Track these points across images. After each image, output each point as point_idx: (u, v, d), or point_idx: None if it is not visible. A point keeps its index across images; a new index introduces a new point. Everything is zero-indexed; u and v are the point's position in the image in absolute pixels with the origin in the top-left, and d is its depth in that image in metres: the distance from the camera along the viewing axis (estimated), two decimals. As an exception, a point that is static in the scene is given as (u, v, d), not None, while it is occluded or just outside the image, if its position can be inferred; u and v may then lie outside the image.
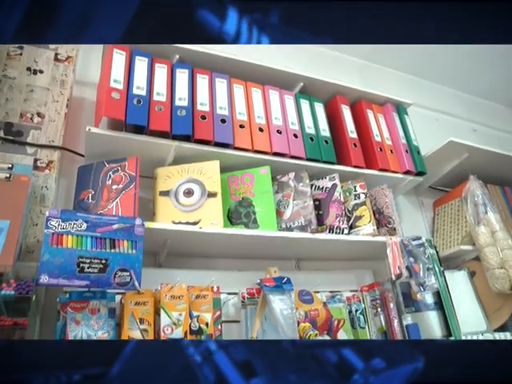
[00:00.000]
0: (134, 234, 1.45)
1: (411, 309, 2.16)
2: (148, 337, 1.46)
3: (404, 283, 2.17)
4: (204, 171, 1.71)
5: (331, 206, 1.91)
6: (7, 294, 1.27)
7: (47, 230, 1.37)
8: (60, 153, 1.76)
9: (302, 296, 1.81)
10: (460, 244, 2.28)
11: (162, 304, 1.49)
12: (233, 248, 1.80)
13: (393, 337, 1.93)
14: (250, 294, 1.73)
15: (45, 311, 1.52)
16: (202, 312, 1.57)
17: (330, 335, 1.81)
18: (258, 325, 1.64)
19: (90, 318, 1.44)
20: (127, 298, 1.50)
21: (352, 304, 1.99)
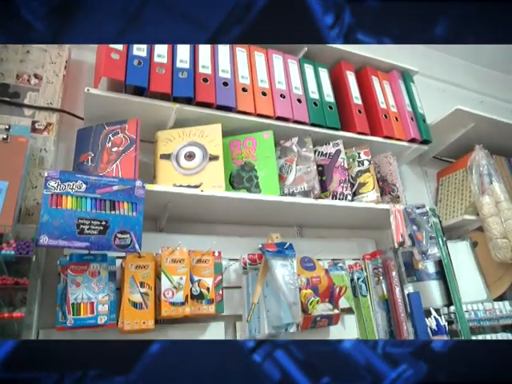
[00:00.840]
0: (134, 196, 1.43)
1: (413, 278, 2.16)
2: (149, 301, 1.46)
3: (406, 252, 2.16)
4: (206, 134, 1.67)
5: (335, 172, 1.88)
6: (7, 253, 1.26)
7: (46, 190, 1.35)
8: (58, 115, 1.72)
9: (303, 263, 1.80)
10: (463, 214, 2.26)
11: (163, 268, 1.47)
12: (234, 213, 1.78)
13: (394, 306, 1.93)
14: (251, 259, 1.71)
15: (46, 273, 1.52)
16: (203, 277, 1.56)
17: (332, 302, 1.81)
18: (260, 290, 1.64)
19: (90, 281, 1.43)
20: (128, 262, 1.48)
21: (354, 272, 1.98)
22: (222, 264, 1.65)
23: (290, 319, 1.61)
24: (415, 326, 1.92)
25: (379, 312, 1.96)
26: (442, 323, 1.97)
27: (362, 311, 1.94)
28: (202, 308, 1.52)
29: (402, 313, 1.91)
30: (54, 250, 1.52)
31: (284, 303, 1.61)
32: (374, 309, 1.95)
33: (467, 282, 2.19)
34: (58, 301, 1.41)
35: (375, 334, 1.90)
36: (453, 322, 2.00)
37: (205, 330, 1.64)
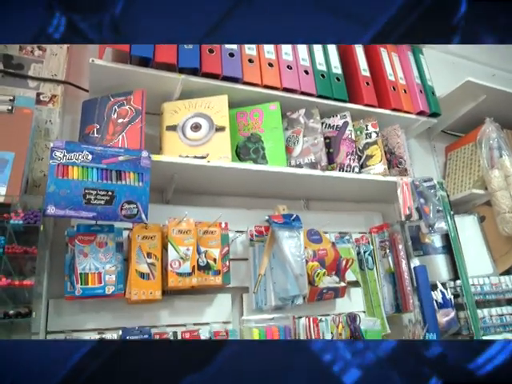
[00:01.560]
0: (140, 166, 1.42)
1: (419, 252, 2.16)
2: (156, 271, 1.47)
3: (413, 226, 2.15)
4: (212, 106, 1.65)
5: (342, 144, 1.86)
6: (16, 223, 1.27)
7: (52, 160, 1.35)
8: (63, 87, 1.70)
9: (310, 235, 1.80)
10: (471, 188, 2.24)
11: (170, 238, 1.48)
12: (241, 185, 1.77)
13: (400, 279, 1.93)
14: (258, 231, 1.72)
15: (54, 244, 1.53)
16: (209, 248, 1.56)
17: (338, 275, 1.81)
18: (266, 262, 1.64)
19: (97, 251, 1.44)
20: (134, 232, 1.49)
21: (360, 245, 1.98)
22: (229, 235, 1.65)
23: (296, 291, 1.62)
24: (421, 300, 1.92)
25: (385, 285, 1.96)
26: (447, 297, 1.97)
27: (368, 284, 1.94)
28: (208, 279, 1.53)
29: (409, 286, 1.92)
30: (62, 220, 1.52)
31: (290, 275, 1.61)
32: (381, 282, 1.96)
33: (474, 256, 2.18)
34: (67, 271, 1.43)
35: (381, 308, 1.91)
36: (458, 296, 2.01)
37: (212, 301, 1.65)
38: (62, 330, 1.44)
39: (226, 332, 1.56)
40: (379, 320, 1.86)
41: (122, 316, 1.52)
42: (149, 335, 1.46)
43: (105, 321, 1.50)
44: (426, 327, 1.84)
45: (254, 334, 1.53)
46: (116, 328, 1.48)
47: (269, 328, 1.57)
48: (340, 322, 1.79)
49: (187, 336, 1.52)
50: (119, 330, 1.46)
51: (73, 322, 1.46)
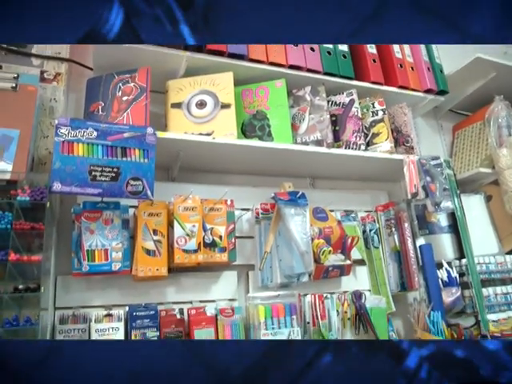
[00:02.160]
0: (145, 143, 1.41)
1: (425, 231, 2.15)
2: (162, 248, 1.48)
3: (419, 205, 2.14)
4: (217, 83, 1.64)
5: (348, 121, 1.84)
6: (23, 199, 1.27)
7: (57, 137, 1.34)
8: (67, 65, 1.69)
9: (316, 213, 1.80)
10: (479, 167, 2.22)
11: (176, 215, 1.48)
12: (247, 163, 1.76)
13: (406, 257, 1.93)
14: (263, 209, 1.71)
15: (60, 222, 1.53)
16: (215, 225, 1.57)
17: (344, 253, 1.81)
18: (272, 239, 1.64)
19: (103, 228, 1.45)
20: (140, 209, 1.49)
21: (366, 224, 1.97)
22: (235, 213, 1.65)
23: (302, 269, 1.62)
24: (426, 278, 1.92)
25: (391, 264, 1.96)
26: (453, 275, 1.97)
27: (373, 263, 1.94)
28: (214, 256, 1.53)
29: (414, 264, 1.92)
30: (68, 198, 1.53)
31: (296, 253, 1.62)
32: (386, 260, 1.96)
33: (479, 235, 2.17)
34: (73, 248, 1.44)
35: (387, 286, 1.92)
36: (464, 275, 2.00)
37: (218, 278, 1.66)
38: (70, 307, 1.46)
39: (232, 309, 1.57)
40: (384, 298, 1.87)
41: (129, 293, 1.53)
42: (155, 312, 1.47)
43: (112, 298, 1.52)
44: (431, 305, 1.85)
45: (259, 311, 1.54)
46: (123, 305, 1.50)
47: (274, 305, 1.58)
48: (345, 299, 1.80)
49: (193, 313, 1.53)
50: (126, 307, 1.48)
51: (80, 298, 1.48)
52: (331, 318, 1.67)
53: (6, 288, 1.22)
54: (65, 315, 1.43)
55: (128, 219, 1.52)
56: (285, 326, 1.56)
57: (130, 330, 1.43)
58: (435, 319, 1.81)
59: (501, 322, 1.95)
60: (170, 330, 1.48)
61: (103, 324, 1.42)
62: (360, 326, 1.83)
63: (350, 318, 1.82)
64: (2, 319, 1.21)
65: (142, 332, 1.43)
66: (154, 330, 1.45)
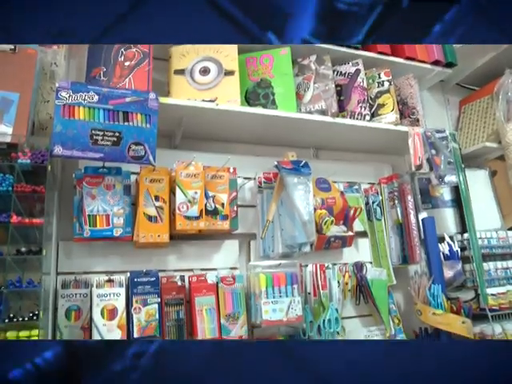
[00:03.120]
0: (147, 108, 1.39)
1: (428, 205, 2.14)
2: (163, 214, 1.47)
3: (422, 179, 2.13)
4: (221, 50, 1.60)
5: (353, 91, 1.81)
6: (23, 162, 1.26)
7: (58, 101, 1.33)
8: (68, 29, 1.65)
9: (319, 184, 1.79)
10: (485, 141, 2.19)
11: (178, 181, 1.47)
12: (250, 131, 1.74)
13: (408, 230, 1.92)
14: (266, 178, 1.70)
15: (62, 187, 1.53)
16: (217, 192, 1.56)
17: (346, 225, 1.81)
18: (274, 208, 1.64)
19: (105, 194, 1.44)
20: (142, 175, 1.48)
21: (369, 196, 1.96)
22: (237, 181, 1.64)
23: (303, 239, 1.62)
24: (428, 251, 1.92)
25: (393, 236, 1.96)
26: (454, 249, 1.97)
27: (375, 235, 1.94)
28: (216, 224, 1.53)
29: (416, 237, 1.91)
30: (69, 163, 1.52)
31: (298, 223, 1.61)
32: (388, 233, 1.95)
33: (483, 210, 2.16)
34: (75, 213, 1.43)
35: (388, 258, 1.92)
36: (465, 249, 2.00)
37: (219, 247, 1.66)
38: (72, 272, 1.46)
39: (233, 277, 1.58)
40: (385, 270, 1.87)
41: (130, 260, 1.53)
42: (156, 278, 1.47)
43: (113, 264, 1.52)
44: (432, 279, 1.85)
45: (260, 280, 1.55)
46: (124, 271, 1.50)
47: (276, 274, 1.58)
48: (347, 271, 1.81)
49: (194, 280, 1.54)
50: (127, 273, 1.48)
51: (82, 264, 1.48)
52: (332, 288, 1.68)
53: (8, 250, 1.22)
54: (67, 280, 1.43)
55: (129, 185, 1.51)
56: (286, 295, 1.56)
57: (131, 296, 1.43)
58: (435, 292, 1.82)
59: (499, 295, 1.95)
60: (171, 296, 1.49)
61: (104, 289, 1.43)
62: (361, 297, 1.84)
63: (351, 290, 1.83)
64: (6, 280, 1.21)
65: (143, 298, 1.44)
66: (155, 297, 1.46)
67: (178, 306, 1.49)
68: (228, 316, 1.53)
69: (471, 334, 1.81)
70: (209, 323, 1.50)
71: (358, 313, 1.88)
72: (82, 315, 1.39)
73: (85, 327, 1.39)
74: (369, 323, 1.88)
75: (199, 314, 1.49)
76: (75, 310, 1.39)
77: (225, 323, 1.52)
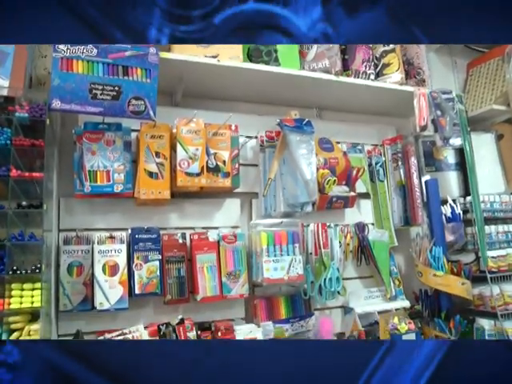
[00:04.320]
0: (147, 62, 1.36)
1: (431, 168, 2.11)
2: (164, 171, 1.46)
3: (426, 142, 2.10)
4: (222, 3, 1.55)
5: (358, 50, 1.76)
6: (21, 116, 1.24)
7: (55, 54, 1.29)
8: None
9: (322, 144, 1.76)
10: (492, 103, 2.15)
11: (179, 138, 1.45)
12: (252, 89, 1.71)
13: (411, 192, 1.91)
14: (269, 137, 1.68)
15: (62, 144, 1.51)
16: (219, 150, 1.54)
17: (349, 185, 1.79)
18: (276, 166, 1.62)
19: (105, 150, 1.42)
20: (143, 131, 1.46)
21: (372, 157, 1.94)
22: (239, 140, 1.62)
23: (306, 198, 1.61)
24: (430, 213, 1.91)
25: (395, 198, 1.95)
26: (457, 211, 1.96)
27: (378, 196, 1.93)
28: (217, 181, 1.52)
29: (418, 199, 1.90)
30: (69, 119, 1.50)
31: (300, 182, 1.60)
32: (391, 194, 1.94)
33: (487, 174, 2.14)
34: (75, 169, 1.42)
35: (390, 220, 1.91)
36: (468, 212, 1.99)
37: (221, 205, 1.65)
38: (74, 229, 1.46)
39: (235, 235, 1.58)
40: (387, 232, 1.87)
41: (132, 217, 1.53)
42: (157, 235, 1.48)
43: (114, 221, 1.52)
44: (433, 241, 1.85)
45: (262, 238, 1.54)
46: (125, 229, 1.50)
47: (277, 232, 1.58)
48: (348, 232, 1.81)
49: (195, 238, 1.54)
50: (128, 230, 1.48)
51: (83, 221, 1.48)
52: (333, 247, 1.68)
53: (9, 205, 1.21)
54: (68, 237, 1.44)
55: (130, 141, 1.49)
56: (287, 253, 1.57)
57: (132, 253, 1.44)
58: (437, 254, 1.82)
59: (499, 258, 1.96)
60: (172, 254, 1.50)
61: (106, 246, 1.43)
62: (362, 258, 1.85)
63: (352, 251, 1.83)
64: (9, 234, 1.21)
65: (144, 255, 1.45)
66: (156, 254, 1.46)
67: (179, 263, 1.50)
68: (229, 274, 1.53)
69: (470, 295, 1.83)
70: (210, 281, 1.51)
71: (359, 274, 1.89)
72: (83, 271, 1.40)
73: (87, 283, 1.40)
74: (370, 284, 1.89)
75: (200, 272, 1.50)
76: (77, 266, 1.40)
77: (226, 281, 1.53)
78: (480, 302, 1.94)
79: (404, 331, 1.65)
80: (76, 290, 1.39)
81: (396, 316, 1.71)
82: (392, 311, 1.78)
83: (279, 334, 1.60)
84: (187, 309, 1.54)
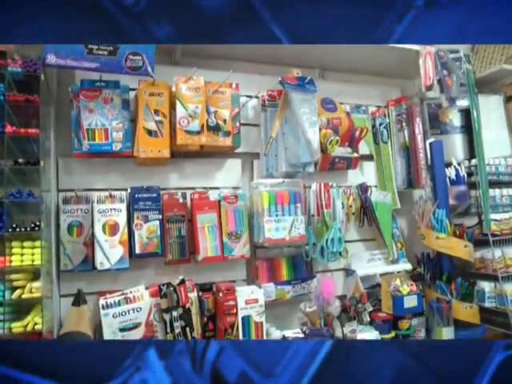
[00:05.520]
0: (144, 14, 1.31)
1: (436, 131, 2.07)
2: (163, 129, 1.42)
3: (432, 105, 2.05)
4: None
5: (364, 4, 1.70)
6: (14, 70, 1.20)
7: (49, 5, 1.24)
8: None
9: (325, 104, 1.72)
10: (502, 63, 2.08)
11: (178, 95, 1.41)
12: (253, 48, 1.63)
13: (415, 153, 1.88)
14: (270, 96, 1.64)
15: (59, 103, 1.47)
16: (219, 108, 1.50)
17: (352, 146, 1.76)
18: (278, 125, 1.58)
19: (103, 107, 1.39)
20: (141, 89, 1.42)
21: (376, 118, 1.90)
22: (240, 99, 1.58)
23: (308, 158, 1.58)
24: (434, 175, 1.88)
25: (399, 160, 1.92)
26: (461, 174, 1.93)
27: (381, 158, 1.90)
28: (218, 140, 1.49)
29: (422, 161, 1.87)
30: (65, 78, 1.46)
31: (303, 142, 1.57)
32: (394, 156, 1.91)
33: (493, 137, 2.11)
34: (73, 127, 1.39)
35: (393, 182, 1.89)
36: (472, 175, 1.96)
37: (221, 166, 1.63)
38: (73, 189, 1.44)
39: (235, 196, 1.56)
40: (390, 194, 1.85)
41: (131, 177, 1.51)
42: (157, 194, 1.46)
43: (114, 181, 1.49)
44: (437, 203, 1.83)
45: (263, 197, 1.53)
46: (125, 189, 1.48)
47: (279, 192, 1.56)
48: (351, 193, 1.79)
49: (196, 197, 1.52)
50: (128, 189, 1.46)
51: (82, 181, 1.46)
52: (336, 207, 1.66)
53: (5, 162, 1.19)
54: (67, 196, 1.42)
55: (128, 100, 1.46)
56: (289, 213, 1.55)
57: (132, 212, 1.42)
58: (440, 217, 1.80)
59: (502, 221, 1.94)
60: (173, 213, 1.48)
61: (105, 205, 1.42)
62: (364, 219, 1.83)
63: (355, 213, 1.82)
64: (6, 192, 1.20)
65: (144, 214, 1.43)
66: (157, 213, 1.45)
67: (180, 223, 1.48)
68: (230, 234, 1.52)
69: (472, 257, 1.82)
70: (211, 241, 1.50)
71: (362, 236, 1.88)
72: (83, 231, 1.39)
73: (87, 243, 1.39)
74: (372, 247, 1.89)
75: (201, 232, 1.49)
76: (77, 226, 1.39)
77: (227, 241, 1.52)
78: (481, 264, 1.93)
79: (406, 293, 1.65)
80: (76, 249, 1.38)
81: (398, 278, 1.71)
82: (394, 274, 1.78)
83: (281, 296, 1.61)
84: (188, 270, 1.54)
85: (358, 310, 1.65)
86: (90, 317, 1.38)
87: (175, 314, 1.40)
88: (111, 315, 1.33)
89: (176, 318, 1.40)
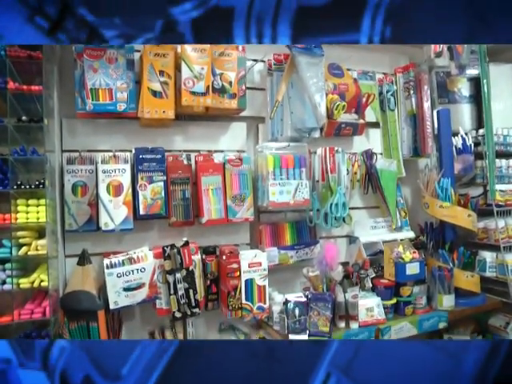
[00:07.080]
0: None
1: (444, 100, 2.04)
2: (168, 90, 1.41)
3: (440, 73, 2.02)
4: None
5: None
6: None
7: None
8: None
9: (331, 69, 1.70)
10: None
11: (183, 56, 1.39)
12: (260, 8, 1.62)
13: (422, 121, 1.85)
14: (277, 60, 1.61)
15: (62, 63, 1.45)
16: (225, 70, 1.48)
17: (358, 113, 1.74)
18: (284, 89, 1.56)
19: (107, 67, 1.37)
20: (146, 49, 1.40)
21: (383, 85, 1.87)
22: (246, 63, 1.56)
23: (313, 123, 1.57)
24: (440, 143, 1.86)
25: (405, 128, 1.90)
26: (468, 143, 1.91)
27: (388, 125, 1.88)
28: (223, 102, 1.47)
29: (429, 129, 1.85)
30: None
31: (309, 107, 1.55)
32: (401, 124, 1.89)
33: (503, 107, 2.07)
34: (77, 87, 1.38)
35: (399, 150, 1.87)
36: (479, 145, 1.94)
37: (226, 129, 1.61)
38: (77, 150, 1.43)
39: (240, 159, 1.55)
40: (395, 162, 1.84)
41: (136, 139, 1.50)
42: (162, 156, 1.45)
43: (118, 143, 1.49)
44: (442, 172, 1.82)
45: (268, 161, 1.52)
46: (129, 151, 1.47)
47: (284, 156, 1.55)
48: (356, 160, 1.78)
49: (201, 159, 1.51)
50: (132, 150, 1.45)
51: (87, 142, 1.45)
52: (341, 172, 1.64)
53: (8, 119, 1.18)
54: (72, 157, 1.41)
55: (133, 60, 1.43)
56: (293, 177, 1.55)
57: (136, 173, 1.42)
58: (444, 185, 1.79)
59: (508, 192, 1.93)
60: (177, 175, 1.48)
61: (110, 165, 1.41)
62: (369, 186, 1.83)
63: (360, 180, 1.81)
64: (10, 150, 1.19)
65: (149, 175, 1.43)
66: (161, 175, 1.44)
67: (184, 185, 1.48)
68: (234, 197, 1.52)
69: (475, 227, 1.82)
70: (215, 204, 1.50)
71: (366, 204, 1.88)
72: (88, 191, 1.39)
73: (92, 203, 1.39)
74: (375, 214, 1.89)
75: (205, 194, 1.49)
76: (81, 186, 1.39)
77: (231, 204, 1.52)
78: (484, 235, 1.93)
79: (408, 260, 1.65)
80: (81, 210, 1.38)
81: (401, 245, 1.71)
82: (397, 241, 1.78)
83: (284, 261, 1.62)
84: (192, 232, 1.55)
85: (361, 276, 1.66)
86: (94, 277, 1.39)
87: (179, 275, 1.41)
88: (115, 275, 1.35)
89: (179, 280, 1.41)
